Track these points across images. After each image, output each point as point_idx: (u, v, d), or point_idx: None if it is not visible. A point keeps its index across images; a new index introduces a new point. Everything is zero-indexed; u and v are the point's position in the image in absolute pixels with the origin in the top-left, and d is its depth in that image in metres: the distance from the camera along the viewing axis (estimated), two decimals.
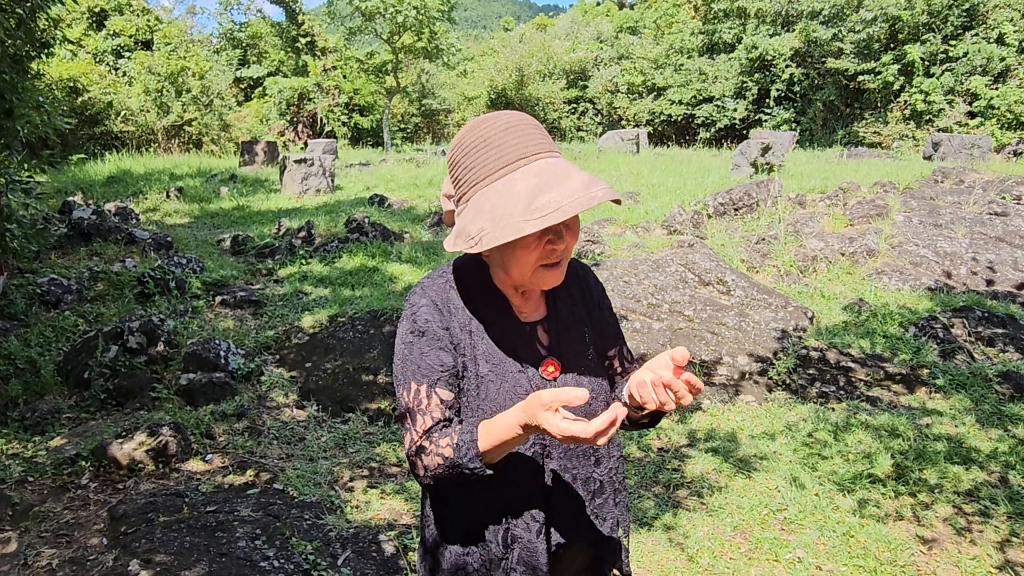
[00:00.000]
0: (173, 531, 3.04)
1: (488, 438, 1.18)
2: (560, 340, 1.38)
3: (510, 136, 1.21)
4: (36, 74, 6.74)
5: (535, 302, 1.41)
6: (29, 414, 4.21)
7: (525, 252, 1.22)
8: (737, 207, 8.26)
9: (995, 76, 18.73)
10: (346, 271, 6.97)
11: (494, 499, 1.31)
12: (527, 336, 1.35)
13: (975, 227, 7.21)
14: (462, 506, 1.35)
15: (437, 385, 1.27)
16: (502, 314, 1.34)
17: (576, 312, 1.44)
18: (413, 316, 1.31)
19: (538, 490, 1.33)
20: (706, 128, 23.52)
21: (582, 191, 1.14)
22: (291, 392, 4.71)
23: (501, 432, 1.16)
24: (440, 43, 21.75)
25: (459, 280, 1.36)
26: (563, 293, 1.44)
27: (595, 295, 1.49)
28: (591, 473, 1.38)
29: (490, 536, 1.32)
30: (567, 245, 1.25)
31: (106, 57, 20.64)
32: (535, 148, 1.21)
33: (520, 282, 1.29)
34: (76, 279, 5.95)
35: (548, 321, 1.39)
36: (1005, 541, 3.11)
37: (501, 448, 1.18)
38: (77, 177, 12.34)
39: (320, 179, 11.80)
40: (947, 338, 5.14)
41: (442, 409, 1.26)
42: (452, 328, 1.31)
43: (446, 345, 1.29)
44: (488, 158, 1.21)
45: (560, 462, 1.34)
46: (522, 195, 1.15)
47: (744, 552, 3.12)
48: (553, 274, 1.27)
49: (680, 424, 4.43)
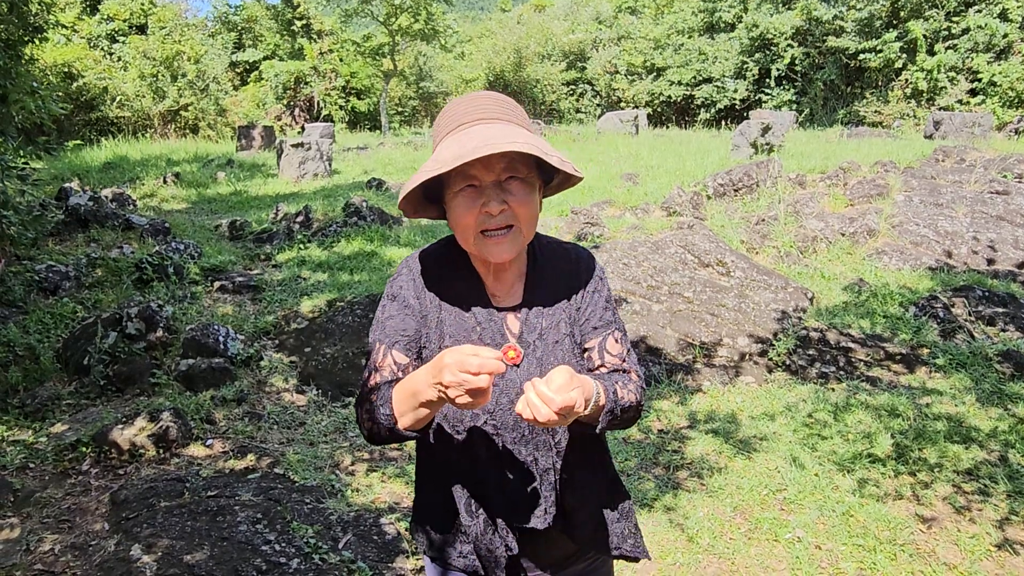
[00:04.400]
0: (174, 516, 3.05)
1: (401, 391, 1.22)
2: (530, 328, 1.36)
3: (463, 106, 1.28)
4: (30, 59, 6.67)
5: (510, 285, 1.39)
6: (29, 401, 4.21)
7: (461, 214, 1.26)
8: (737, 188, 8.21)
9: (997, 53, 18.55)
10: (344, 255, 6.95)
11: (457, 475, 1.37)
12: (496, 321, 1.36)
13: (976, 206, 7.18)
14: (439, 477, 1.40)
15: (394, 347, 1.33)
16: (474, 295, 1.37)
17: (556, 301, 1.39)
18: (392, 282, 1.40)
19: (490, 471, 1.35)
20: (706, 109, 23.37)
21: (484, 145, 1.15)
22: (291, 377, 4.71)
23: (412, 386, 1.19)
24: (437, 25, 21.53)
25: (440, 256, 1.41)
26: (545, 280, 1.40)
27: (583, 282, 1.42)
28: (551, 464, 1.36)
29: (463, 515, 1.37)
30: (513, 214, 1.25)
31: (100, 42, 20.45)
32: (478, 114, 1.25)
33: (471, 252, 1.32)
34: (74, 266, 5.93)
35: (521, 308, 1.38)
36: (1004, 519, 3.12)
37: (412, 402, 1.18)
38: (73, 163, 12.27)
39: (317, 163, 11.73)
40: (947, 317, 5.13)
41: (393, 370, 1.31)
42: (422, 299, 1.36)
43: (413, 313, 1.35)
44: (439, 126, 1.30)
45: (513, 446, 1.35)
46: (452, 147, 1.20)
47: (744, 532, 3.13)
48: (497, 245, 1.26)
49: (680, 406, 4.43)
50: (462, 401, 1.07)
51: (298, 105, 24.59)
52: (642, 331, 5.13)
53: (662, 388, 4.68)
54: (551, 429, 1.35)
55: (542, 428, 1.34)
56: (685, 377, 4.79)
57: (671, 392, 4.62)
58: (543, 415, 1.08)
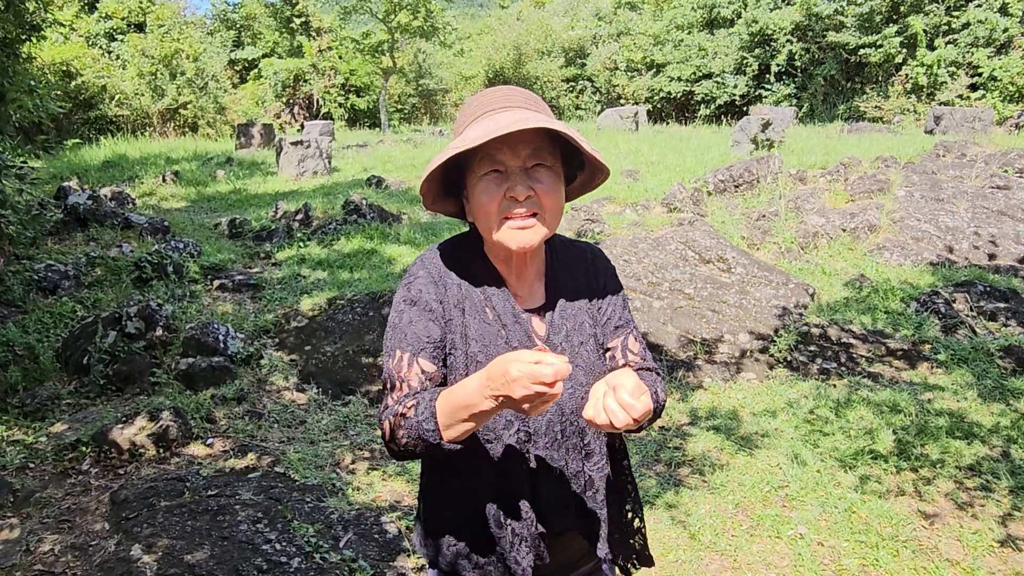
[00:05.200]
0: (175, 515, 3.04)
1: (447, 404, 1.13)
2: (556, 330, 1.34)
3: (489, 96, 1.26)
4: (27, 58, 6.66)
5: (531, 285, 1.36)
6: (29, 400, 4.20)
7: (486, 200, 1.22)
8: (737, 184, 8.20)
9: (998, 48, 18.50)
10: (344, 253, 6.93)
11: (483, 484, 1.29)
12: (521, 323, 1.32)
13: (977, 201, 7.16)
14: (458, 485, 1.33)
15: (420, 355, 1.25)
16: (497, 296, 1.31)
17: (578, 302, 1.38)
18: (408, 285, 1.31)
19: (523, 479, 1.29)
20: (706, 105, 23.30)
21: (514, 122, 1.14)
22: (291, 375, 4.70)
23: (461, 399, 1.10)
24: (436, 22, 21.49)
25: (458, 256, 1.35)
26: (565, 280, 1.39)
27: (602, 284, 1.42)
28: (581, 467, 1.34)
29: (485, 519, 1.30)
30: (539, 202, 1.23)
31: (99, 40, 20.40)
32: (504, 103, 1.23)
33: (491, 241, 1.27)
34: (73, 265, 5.92)
35: (545, 309, 1.36)
36: (1007, 515, 3.11)
37: (462, 414, 1.10)
38: (72, 162, 12.25)
39: (317, 161, 11.71)
40: (949, 313, 5.12)
41: (421, 379, 1.24)
42: (445, 303, 1.29)
43: (436, 318, 1.28)
44: (463, 115, 1.28)
45: (546, 451, 1.30)
46: (482, 127, 1.18)
47: (746, 529, 3.12)
48: (521, 231, 1.23)
49: (682, 403, 4.42)
50: (528, 407, 1.04)
51: (297, 103, 24.54)
52: (643, 328, 5.12)
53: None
54: (580, 432, 1.33)
55: (573, 432, 1.32)
56: (686, 374, 4.78)
57: (672, 389, 4.61)
58: (621, 421, 1.06)
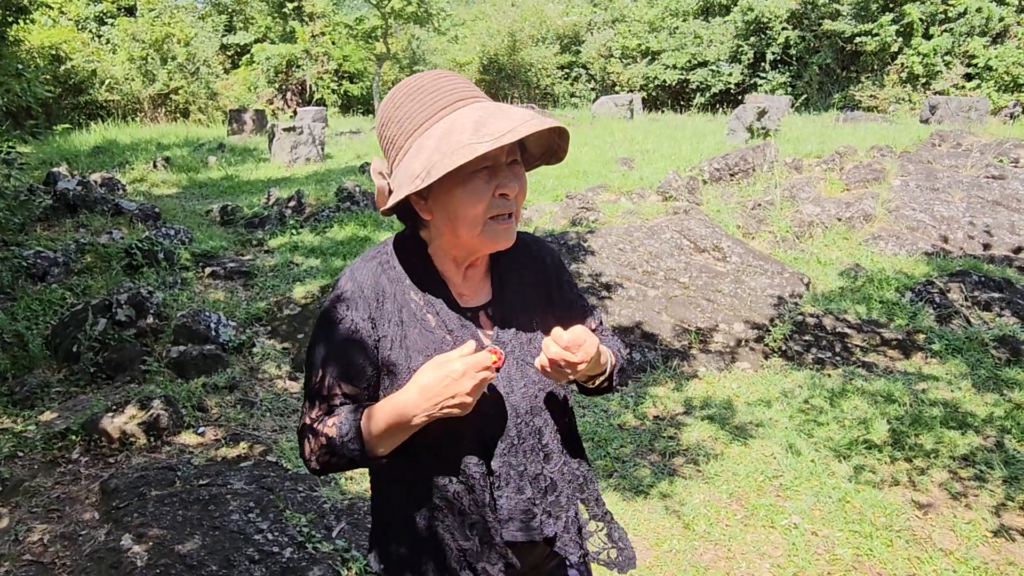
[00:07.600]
0: (166, 505, 3.01)
1: (379, 421, 1.16)
2: (505, 326, 1.28)
3: (443, 82, 1.17)
4: (15, 41, 6.56)
5: (478, 283, 1.31)
6: (18, 388, 4.15)
7: (473, 202, 1.13)
8: (733, 172, 8.16)
9: (993, 37, 18.48)
10: (337, 241, 6.88)
11: (441, 499, 1.24)
12: (467, 323, 1.25)
13: (972, 191, 7.15)
14: (415, 502, 1.26)
15: (341, 379, 1.22)
16: (439, 300, 1.25)
17: (526, 295, 1.33)
18: (335, 300, 1.24)
19: (483, 490, 1.23)
20: (701, 93, 23.21)
21: (530, 118, 1.10)
22: (283, 363, 4.66)
23: (394, 417, 1.14)
24: (430, 7, 21.28)
25: (395, 263, 1.27)
26: (511, 274, 1.33)
27: (552, 273, 1.38)
28: (540, 470, 1.28)
29: (449, 534, 1.25)
30: (516, 199, 1.19)
31: (88, 24, 20.12)
32: (469, 94, 1.17)
33: (469, 244, 1.20)
34: (63, 251, 5.85)
35: (492, 306, 1.30)
36: (1000, 505, 3.12)
37: (392, 430, 1.16)
38: (62, 147, 12.11)
39: (310, 148, 11.61)
40: (943, 303, 5.12)
41: (341, 399, 1.23)
42: (378, 319, 1.22)
43: (365, 336, 1.22)
44: (424, 103, 1.15)
45: (503, 458, 1.24)
46: (467, 125, 1.09)
47: (740, 519, 3.11)
48: (506, 230, 1.18)
49: (676, 392, 4.41)
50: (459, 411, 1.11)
51: (290, 89, 24.33)
52: (637, 317, 5.10)
53: (658, 374, 4.66)
54: (537, 432, 1.28)
55: (529, 433, 1.27)
56: (681, 363, 4.77)
57: (667, 378, 4.60)
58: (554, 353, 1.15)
